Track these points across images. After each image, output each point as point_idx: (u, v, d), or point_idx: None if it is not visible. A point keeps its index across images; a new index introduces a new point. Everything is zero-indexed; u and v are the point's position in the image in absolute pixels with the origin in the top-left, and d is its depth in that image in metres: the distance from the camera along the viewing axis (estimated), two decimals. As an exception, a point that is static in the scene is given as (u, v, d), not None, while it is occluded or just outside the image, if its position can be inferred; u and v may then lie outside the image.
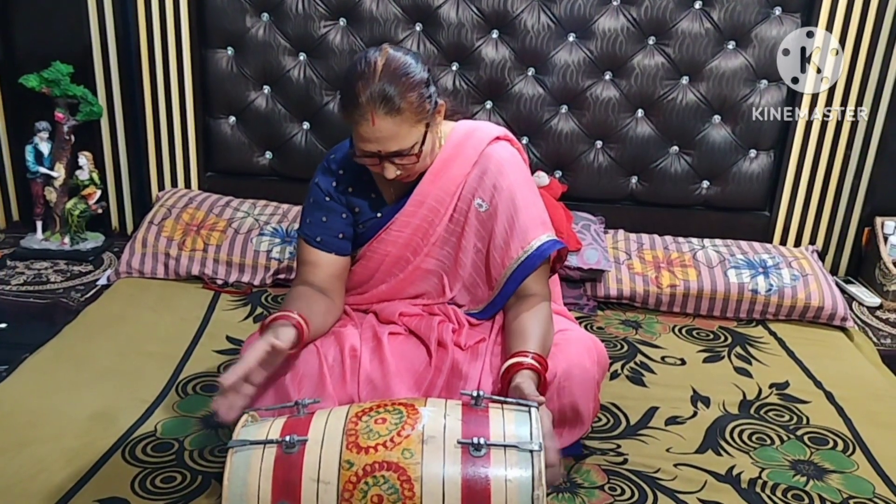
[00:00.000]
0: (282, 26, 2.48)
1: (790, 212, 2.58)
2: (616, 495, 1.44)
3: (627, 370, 1.94)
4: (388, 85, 1.38)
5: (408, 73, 1.41)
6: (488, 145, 1.59)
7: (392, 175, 1.47)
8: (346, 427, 1.14)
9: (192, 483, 1.40)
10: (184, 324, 2.04)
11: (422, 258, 1.63)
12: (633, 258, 2.36)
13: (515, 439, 1.12)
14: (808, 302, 2.24)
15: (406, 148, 1.43)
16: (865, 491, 1.50)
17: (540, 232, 1.56)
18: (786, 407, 1.81)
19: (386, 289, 1.67)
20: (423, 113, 1.43)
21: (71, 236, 2.48)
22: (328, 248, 1.60)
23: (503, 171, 1.57)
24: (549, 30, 2.42)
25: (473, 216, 1.58)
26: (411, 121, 1.41)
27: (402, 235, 1.61)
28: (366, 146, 1.43)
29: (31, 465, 1.42)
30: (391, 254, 1.63)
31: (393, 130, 1.40)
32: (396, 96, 1.38)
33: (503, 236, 1.56)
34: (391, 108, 1.38)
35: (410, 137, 1.43)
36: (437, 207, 1.59)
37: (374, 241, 1.62)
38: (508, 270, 1.55)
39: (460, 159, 1.58)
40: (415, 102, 1.40)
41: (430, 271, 1.65)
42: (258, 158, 2.63)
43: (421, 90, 1.42)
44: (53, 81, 2.35)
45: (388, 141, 1.41)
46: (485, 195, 1.57)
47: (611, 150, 2.54)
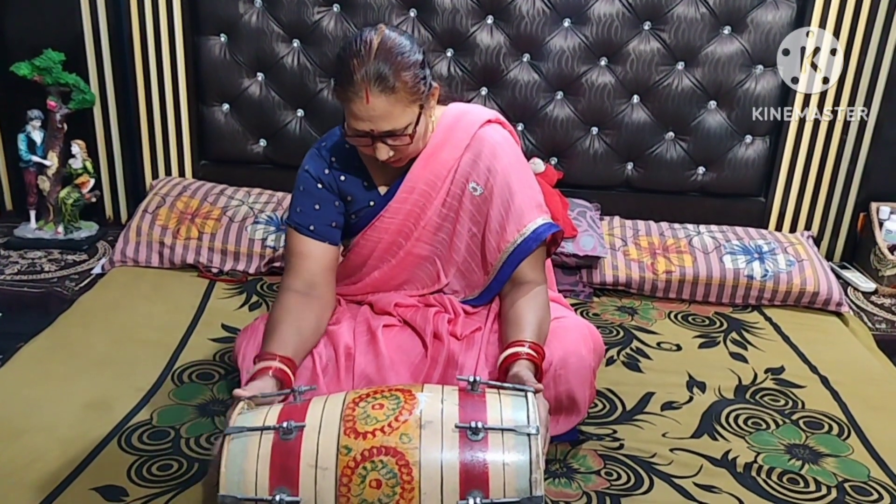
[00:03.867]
0: (275, 13, 2.46)
1: (786, 197, 2.58)
2: (612, 480, 1.44)
3: (623, 356, 1.94)
4: (384, 63, 1.37)
5: (403, 52, 1.40)
6: (480, 128, 1.58)
7: (384, 156, 1.46)
8: (343, 413, 1.14)
9: (188, 471, 1.40)
10: (179, 312, 2.04)
11: (413, 243, 1.62)
12: (629, 245, 2.36)
13: (513, 423, 1.12)
14: (804, 287, 2.24)
15: (399, 128, 1.42)
16: (860, 474, 1.50)
17: (536, 215, 1.55)
18: (781, 392, 1.81)
19: (378, 276, 1.66)
20: (418, 94, 1.42)
21: (65, 225, 2.47)
22: (321, 237, 1.57)
23: (497, 154, 1.56)
24: (545, 15, 2.41)
25: (468, 200, 1.57)
26: (405, 101, 1.40)
27: (394, 221, 1.59)
28: (359, 125, 1.42)
29: (27, 455, 1.41)
30: (383, 240, 1.61)
31: (387, 109, 1.39)
32: (391, 75, 1.37)
33: (499, 220, 1.55)
34: (386, 86, 1.37)
35: (404, 118, 1.42)
36: (428, 192, 1.58)
37: (368, 229, 1.61)
38: (504, 254, 1.54)
39: (451, 143, 1.57)
40: (409, 82, 1.39)
41: (423, 257, 1.64)
42: (252, 146, 2.62)
43: (416, 70, 1.41)
44: (45, 69, 2.34)
45: (380, 120, 1.40)
46: (479, 179, 1.56)
47: (606, 137, 2.54)
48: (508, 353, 1.37)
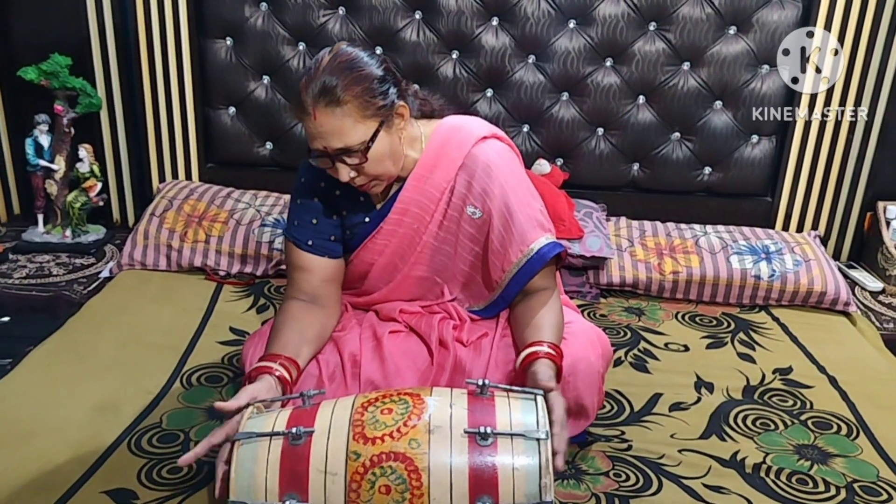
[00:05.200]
0: (280, 16, 2.46)
1: (792, 197, 2.57)
2: (621, 481, 1.44)
3: (631, 357, 1.94)
4: (330, 77, 1.34)
5: (354, 66, 1.36)
6: (473, 146, 1.53)
7: (346, 177, 1.41)
8: (352, 418, 1.14)
9: (198, 474, 1.40)
10: (187, 315, 2.04)
11: (410, 266, 1.59)
12: (636, 245, 2.35)
13: (522, 427, 1.12)
14: (811, 287, 2.24)
15: (352, 145, 1.37)
16: (869, 475, 1.50)
17: (538, 234, 1.51)
18: (789, 392, 1.81)
19: (378, 296, 1.64)
20: (371, 108, 1.37)
21: (72, 229, 2.48)
22: (320, 251, 1.55)
23: (491, 173, 1.51)
24: (550, 16, 2.41)
25: (467, 223, 1.54)
26: (355, 115, 1.35)
27: (389, 244, 1.57)
28: (312, 143, 1.39)
29: (37, 458, 1.42)
30: (378, 262, 1.59)
31: (335, 124, 1.35)
32: (338, 88, 1.33)
33: (500, 241, 1.51)
34: (331, 99, 1.33)
35: (355, 134, 1.36)
36: (421, 215, 1.54)
37: (361, 250, 1.58)
38: (509, 274, 1.52)
39: (443, 164, 1.52)
40: (360, 95, 1.35)
41: (422, 278, 1.61)
42: (258, 149, 2.62)
43: (369, 84, 1.36)
44: (52, 74, 2.34)
45: (330, 136, 1.36)
46: (476, 202, 1.52)
47: (612, 137, 2.54)
48: (528, 352, 1.35)
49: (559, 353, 1.37)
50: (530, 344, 1.37)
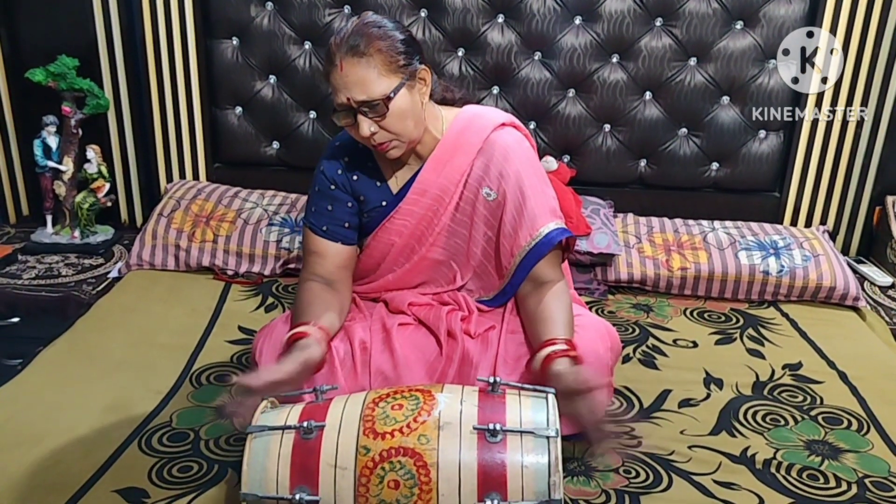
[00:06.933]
0: (286, 15, 2.47)
1: (800, 192, 2.56)
2: (631, 478, 1.44)
3: (639, 354, 1.94)
4: (358, 35, 1.41)
5: (380, 26, 1.44)
6: (492, 132, 1.57)
7: (366, 131, 1.45)
8: (363, 413, 1.14)
9: (208, 472, 1.41)
10: (196, 315, 2.05)
11: (427, 248, 1.62)
12: (643, 241, 2.35)
13: (532, 425, 1.12)
14: (820, 282, 2.23)
15: (374, 98, 1.42)
16: (881, 470, 1.50)
17: (548, 219, 1.54)
18: (799, 387, 1.81)
19: (393, 278, 1.67)
20: (394, 63, 1.42)
21: (81, 230, 2.48)
22: (334, 237, 1.60)
23: (509, 157, 1.55)
24: (556, 13, 2.41)
25: (482, 205, 1.57)
26: (379, 68, 1.41)
27: (406, 224, 1.60)
28: (336, 97, 1.44)
29: (49, 457, 1.43)
30: (396, 244, 1.62)
31: (359, 74, 1.40)
32: (363, 42, 1.40)
33: (511, 224, 1.55)
34: (356, 51, 1.40)
35: (378, 86, 1.41)
36: (441, 196, 1.58)
37: (379, 231, 1.62)
38: (517, 258, 1.54)
39: (464, 148, 1.57)
40: (383, 50, 1.41)
41: (438, 261, 1.64)
42: (265, 148, 2.63)
43: (393, 42, 1.43)
44: (59, 75, 2.35)
45: (354, 87, 1.41)
46: (492, 184, 1.56)
47: (619, 134, 2.53)
48: (548, 351, 1.36)
49: (574, 348, 1.38)
50: (546, 343, 1.38)
